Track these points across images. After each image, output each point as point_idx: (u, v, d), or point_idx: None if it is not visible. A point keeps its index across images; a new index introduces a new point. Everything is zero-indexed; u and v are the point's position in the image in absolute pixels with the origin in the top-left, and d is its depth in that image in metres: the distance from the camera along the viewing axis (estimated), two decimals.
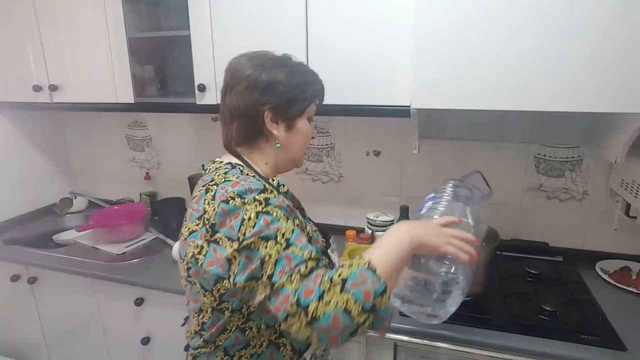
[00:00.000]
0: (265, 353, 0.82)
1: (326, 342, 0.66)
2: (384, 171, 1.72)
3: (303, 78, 0.87)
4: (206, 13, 1.38)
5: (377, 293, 0.66)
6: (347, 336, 0.66)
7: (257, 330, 0.82)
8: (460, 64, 1.08)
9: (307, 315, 0.64)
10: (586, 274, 1.40)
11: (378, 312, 0.66)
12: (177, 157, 2.05)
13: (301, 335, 0.66)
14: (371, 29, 1.24)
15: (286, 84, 0.83)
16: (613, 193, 1.43)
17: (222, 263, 0.73)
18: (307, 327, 0.65)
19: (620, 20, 0.95)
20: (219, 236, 0.73)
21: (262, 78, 0.82)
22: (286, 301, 0.66)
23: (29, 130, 2.03)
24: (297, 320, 0.65)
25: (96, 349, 1.67)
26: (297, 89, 0.85)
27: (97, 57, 1.59)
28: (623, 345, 1.04)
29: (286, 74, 0.84)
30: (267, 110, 0.83)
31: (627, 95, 0.99)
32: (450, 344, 1.12)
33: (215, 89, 1.44)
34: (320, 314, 0.64)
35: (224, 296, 0.78)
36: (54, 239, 1.91)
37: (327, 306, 0.64)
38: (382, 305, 0.67)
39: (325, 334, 0.65)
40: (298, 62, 0.89)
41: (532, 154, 1.53)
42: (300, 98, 0.86)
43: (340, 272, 0.68)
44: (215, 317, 0.81)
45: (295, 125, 0.87)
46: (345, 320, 0.64)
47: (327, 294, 0.65)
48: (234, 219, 0.72)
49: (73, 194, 2.14)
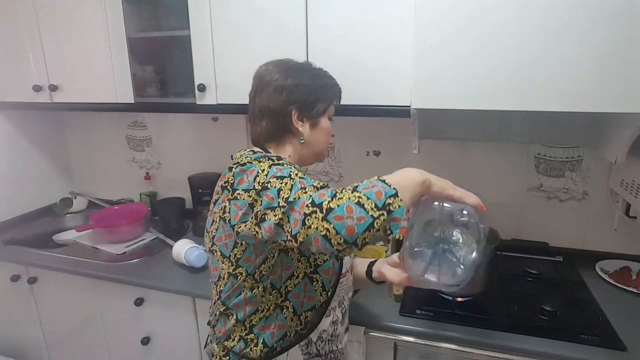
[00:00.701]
0: (272, 315, 0.89)
1: (344, 232, 0.67)
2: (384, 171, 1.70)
3: (324, 81, 0.99)
4: (206, 13, 1.38)
5: (388, 194, 0.69)
6: (364, 229, 0.67)
7: (264, 292, 0.88)
8: (460, 64, 1.08)
9: (322, 209, 0.68)
10: (586, 274, 1.40)
11: (392, 212, 0.68)
12: (177, 157, 2.05)
13: (319, 233, 0.68)
14: (371, 28, 1.24)
15: (310, 85, 0.94)
16: (613, 193, 1.43)
17: (246, 210, 0.78)
18: (323, 222, 0.67)
19: (620, 20, 0.95)
20: (237, 192, 0.81)
21: (289, 81, 0.93)
22: (302, 207, 0.70)
23: (29, 130, 2.03)
24: (314, 218, 0.68)
25: (96, 349, 1.67)
26: (320, 90, 0.96)
27: (97, 57, 1.59)
28: (623, 345, 1.04)
29: (309, 77, 0.96)
30: (294, 109, 0.94)
31: (627, 95, 0.99)
32: (450, 344, 1.12)
33: (215, 89, 1.44)
34: (334, 205, 0.68)
35: (240, 261, 0.86)
36: (54, 239, 1.91)
37: (340, 200, 0.68)
38: (395, 206, 0.68)
39: (341, 223, 0.67)
40: (318, 67, 1.01)
41: (532, 154, 1.53)
42: (322, 99, 0.96)
43: (354, 185, 0.73)
44: (231, 283, 0.89)
45: (318, 123, 0.97)
46: (359, 211, 0.67)
47: (340, 194, 0.70)
48: (250, 174, 0.80)
49: (73, 194, 2.14)
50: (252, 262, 0.85)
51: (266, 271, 0.86)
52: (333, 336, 0.99)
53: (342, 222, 0.67)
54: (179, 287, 1.40)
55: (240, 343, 0.91)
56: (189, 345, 1.47)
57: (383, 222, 0.67)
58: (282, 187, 0.75)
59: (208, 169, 1.91)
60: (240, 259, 0.86)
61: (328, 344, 0.98)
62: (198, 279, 1.44)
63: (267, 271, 0.86)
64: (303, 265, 0.89)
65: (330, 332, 0.98)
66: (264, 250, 0.85)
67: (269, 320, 0.89)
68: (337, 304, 0.99)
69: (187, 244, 1.52)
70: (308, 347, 0.94)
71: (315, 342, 0.95)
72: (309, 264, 0.89)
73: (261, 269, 0.86)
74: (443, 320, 1.16)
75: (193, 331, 1.44)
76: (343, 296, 1.01)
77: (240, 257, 0.86)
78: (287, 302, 0.89)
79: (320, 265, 0.90)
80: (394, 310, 1.22)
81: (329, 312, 0.96)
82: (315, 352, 0.96)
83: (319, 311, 0.93)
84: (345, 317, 1.04)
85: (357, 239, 0.67)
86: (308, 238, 0.70)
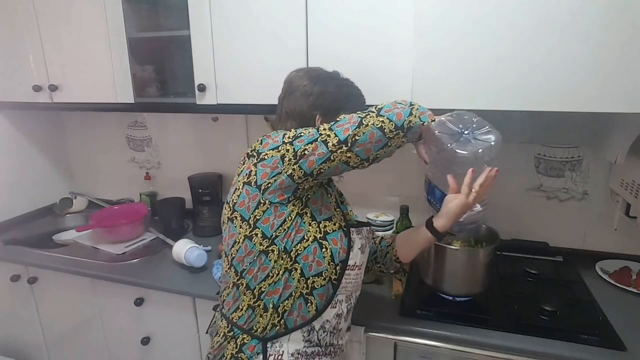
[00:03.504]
0: (280, 280, 0.92)
1: (362, 154, 0.85)
2: (384, 171, 1.72)
3: (349, 90, 1.05)
4: (206, 13, 1.38)
5: (407, 114, 0.86)
6: (379, 148, 0.86)
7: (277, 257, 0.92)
8: (460, 64, 1.09)
9: (348, 144, 0.83)
10: (586, 274, 1.40)
11: (411, 126, 0.87)
12: (177, 157, 2.05)
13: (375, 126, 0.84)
14: (371, 28, 1.24)
15: (335, 94, 1.01)
16: (613, 193, 1.43)
17: (276, 164, 0.88)
18: (347, 153, 0.84)
19: (620, 20, 0.96)
20: (264, 154, 0.90)
21: (316, 88, 1.00)
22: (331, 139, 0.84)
23: (29, 130, 2.03)
24: (340, 153, 0.84)
25: (96, 349, 1.67)
26: (344, 99, 1.02)
27: (97, 57, 1.59)
28: (623, 345, 1.05)
29: (335, 86, 1.02)
30: (318, 114, 1.00)
31: (627, 95, 0.99)
32: (450, 344, 1.12)
33: (215, 89, 1.44)
34: (359, 135, 0.83)
35: (258, 222, 0.91)
36: (54, 239, 1.91)
37: (365, 127, 0.83)
38: (412, 123, 0.87)
39: (362, 148, 0.84)
40: (345, 77, 1.07)
41: (532, 154, 1.53)
42: (346, 107, 1.00)
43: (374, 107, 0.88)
44: (245, 245, 0.93)
45: None
46: (379, 135, 0.84)
47: (365, 119, 0.84)
48: (277, 137, 0.90)
49: (73, 194, 2.14)
50: (270, 223, 0.91)
51: (280, 233, 0.91)
52: (335, 329, 1.00)
53: (362, 148, 0.84)
54: (179, 287, 1.40)
55: (247, 312, 0.94)
56: (189, 345, 1.47)
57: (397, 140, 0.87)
58: (317, 128, 0.87)
59: (208, 169, 1.91)
60: (259, 220, 0.91)
61: (330, 336, 0.99)
62: (198, 279, 1.44)
63: (282, 233, 0.91)
64: (314, 229, 0.93)
65: (333, 324, 0.99)
66: (283, 212, 0.90)
67: (277, 285, 0.92)
68: (345, 298, 1.00)
69: (187, 244, 1.52)
70: (310, 334, 0.96)
71: (317, 331, 0.96)
72: (319, 229, 0.93)
73: (277, 232, 0.91)
74: (443, 320, 1.16)
75: (193, 331, 1.44)
76: (351, 292, 1.01)
77: (259, 218, 0.91)
78: (296, 264, 0.92)
79: (330, 233, 0.94)
80: (394, 310, 1.22)
81: (335, 303, 0.97)
82: (315, 342, 0.97)
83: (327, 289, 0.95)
84: (349, 314, 1.05)
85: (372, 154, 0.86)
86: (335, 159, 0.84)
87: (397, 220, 1.57)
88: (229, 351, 0.96)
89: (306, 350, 0.96)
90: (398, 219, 1.56)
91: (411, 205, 1.54)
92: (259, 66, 1.36)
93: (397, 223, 1.57)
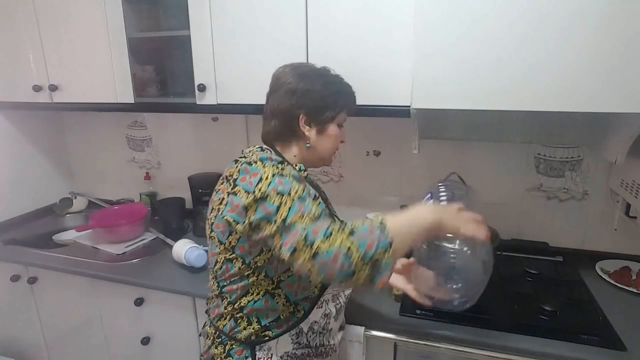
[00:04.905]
0: (261, 300, 0.91)
1: (324, 276, 0.74)
2: (384, 171, 1.72)
3: (337, 88, 0.99)
4: (206, 13, 1.38)
5: (380, 247, 0.73)
6: (344, 277, 0.74)
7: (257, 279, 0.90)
8: (460, 64, 1.08)
9: (312, 249, 0.73)
10: (586, 274, 1.40)
11: (379, 265, 0.73)
12: (177, 157, 2.05)
13: (303, 269, 0.75)
14: (371, 28, 1.24)
15: (321, 92, 0.95)
16: (613, 193, 1.43)
17: (240, 210, 0.83)
18: (310, 261, 0.74)
19: (620, 20, 0.95)
20: (237, 188, 0.84)
21: (301, 85, 0.94)
22: (295, 236, 0.76)
23: (29, 130, 2.03)
24: (302, 254, 0.74)
25: (96, 349, 1.67)
26: (330, 98, 0.96)
27: (97, 57, 1.59)
28: (623, 345, 1.04)
29: (322, 83, 0.96)
30: (302, 113, 0.95)
31: (627, 95, 0.99)
32: (450, 344, 1.12)
33: (215, 89, 1.44)
34: (324, 249, 0.73)
35: (235, 248, 0.88)
36: (54, 239, 1.91)
37: (332, 244, 0.73)
38: (384, 260, 0.73)
39: (324, 267, 0.73)
40: (335, 74, 1.01)
41: (532, 154, 1.53)
42: (332, 106, 0.97)
43: (353, 223, 0.77)
44: (226, 267, 0.91)
45: (326, 130, 0.98)
46: (345, 261, 0.72)
47: (333, 236, 0.74)
48: (253, 176, 0.83)
49: (73, 194, 2.14)
50: (247, 250, 0.88)
51: (261, 263, 0.89)
52: (325, 329, 0.99)
53: (325, 267, 0.73)
54: (179, 287, 1.40)
55: (230, 322, 0.94)
56: (189, 345, 1.47)
57: (365, 274, 0.73)
58: (280, 205, 0.79)
59: (208, 169, 1.91)
60: (235, 246, 0.89)
61: (319, 337, 0.98)
62: (198, 279, 1.44)
63: (263, 263, 0.89)
64: None
65: (322, 324, 0.98)
66: (257, 243, 0.87)
67: (257, 304, 0.91)
68: (331, 298, 0.99)
69: (187, 244, 1.52)
70: (298, 337, 0.95)
71: (306, 333, 0.95)
72: None
73: (256, 260, 0.89)
74: (443, 320, 1.16)
75: (193, 331, 1.44)
76: (338, 291, 1.00)
77: (234, 245, 0.89)
78: (279, 290, 0.91)
79: None
80: (394, 310, 1.22)
81: (321, 303, 0.96)
82: (305, 343, 0.96)
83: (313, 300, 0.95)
84: (340, 313, 1.04)
85: (334, 281, 0.76)
86: (292, 264, 0.77)
87: None
88: (218, 355, 0.96)
89: (295, 352, 0.95)
90: None
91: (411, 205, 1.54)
92: (259, 66, 1.36)
93: None
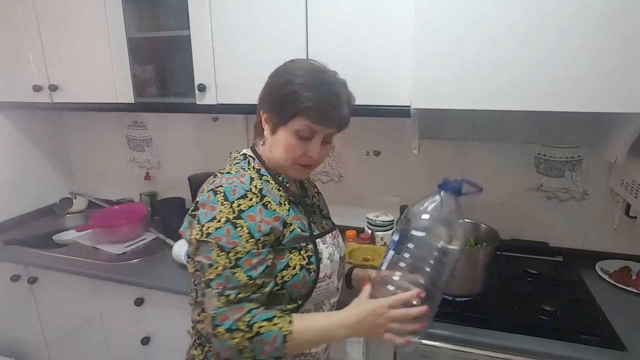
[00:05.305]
0: None
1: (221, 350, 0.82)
2: (384, 171, 1.72)
3: (295, 90, 0.84)
4: (206, 13, 1.38)
5: (273, 356, 0.80)
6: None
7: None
8: (460, 64, 1.08)
9: (215, 330, 0.79)
10: (586, 274, 1.40)
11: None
12: (177, 157, 2.05)
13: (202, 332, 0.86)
14: (371, 28, 1.24)
15: (278, 92, 0.88)
16: (613, 193, 1.43)
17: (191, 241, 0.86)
18: (212, 333, 0.80)
19: (620, 20, 0.95)
20: (197, 213, 0.85)
21: (267, 82, 0.92)
22: (209, 307, 0.80)
23: (29, 130, 2.03)
24: (208, 325, 0.80)
25: (96, 349, 1.67)
26: (284, 99, 0.86)
27: (97, 57, 1.59)
28: (623, 345, 1.04)
29: (283, 82, 0.87)
30: (262, 110, 0.92)
31: (627, 95, 0.99)
32: (450, 344, 1.12)
33: (215, 89, 1.44)
34: (222, 339, 0.78)
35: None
36: (54, 239, 1.91)
37: (230, 340, 0.78)
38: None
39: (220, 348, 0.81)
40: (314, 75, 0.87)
41: (532, 154, 1.53)
42: (283, 109, 0.86)
43: (262, 325, 0.78)
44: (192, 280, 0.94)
45: (276, 133, 0.90)
46: (235, 356, 0.80)
47: (236, 333, 0.78)
48: (210, 210, 0.82)
49: (73, 194, 2.14)
50: None
51: None
52: None
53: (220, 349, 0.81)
54: (179, 287, 1.40)
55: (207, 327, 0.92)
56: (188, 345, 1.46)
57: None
58: (213, 264, 0.80)
59: (208, 169, 1.90)
60: None
61: None
62: None
63: None
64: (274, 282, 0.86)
65: None
66: None
67: None
68: (313, 307, 0.94)
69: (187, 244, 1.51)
70: None
71: None
72: (275, 283, 0.86)
73: None
74: (443, 320, 1.16)
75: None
76: (322, 300, 0.96)
77: None
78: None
79: (288, 281, 0.86)
80: None
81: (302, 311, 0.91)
82: None
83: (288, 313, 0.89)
84: None
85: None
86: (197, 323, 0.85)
87: (397, 220, 1.57)
88: (197, 356, 0.96)
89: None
90: (398, 219, 1.56)
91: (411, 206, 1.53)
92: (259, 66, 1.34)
93: (397, 223, 1.57)
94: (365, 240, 1.58)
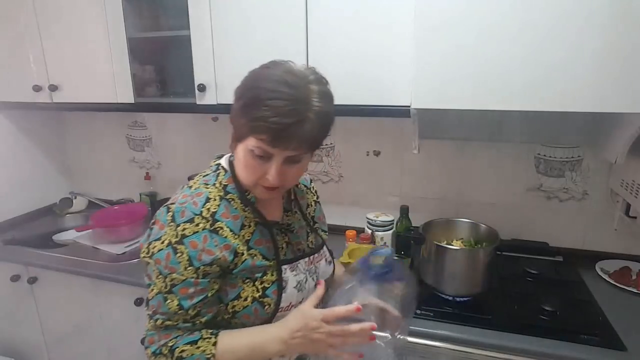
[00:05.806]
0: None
1: None
2: (384, 171, 1.72)
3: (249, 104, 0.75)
4: (206, 13, 1.38)
5: None
6: None
7: None
8: (460, 64, 1.08)
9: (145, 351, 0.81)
10: (586, 274, 1.40)
11: None
12: (177, 157, 2.05)
13: None
14: (371, 28, 1.24)
15: (236, 100, 0.79)
16: (613, 193, 1.43)
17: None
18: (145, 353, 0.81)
19: (621, 20, 0.96)
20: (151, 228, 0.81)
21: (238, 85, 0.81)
22: (145, 326, 0.82)
23: (29, 130, 2.03)
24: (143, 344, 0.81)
25: (96, 349, 1.67)
26: (240, 112, 0.77)
27: (97, 57, 1.59)
28: (623, 345, 1.04)
29: (242, 92, 0.77)
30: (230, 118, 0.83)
31: (627, 95, 0.99)
32: (450, 344, 1.12)
33: (215, 88, 1.44)
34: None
35: None
36: (54, 239, 1.91)
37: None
38: None
39: None
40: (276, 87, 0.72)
41: (532, 154, 1.53)
42: (237, 124, 0.79)
43: (184, 349, 0.76)
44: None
45: (237, 148, 0.83)
46: None
47: (160, 357, 0.78)
48: (159, 228, 0.78)
49: (73, 194, 2.14)
50: None
51: None
52: None
53: None
54: None
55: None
56: None
57: None
58: (150, 285, 0.80)
59: None
60: None
61: None
62: None
63: None
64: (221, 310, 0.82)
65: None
66: None
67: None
68: None
69: None
70: None
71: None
72: (227, 311, 0.81)
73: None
74: (443, 320, 1.16)
75: None
76: None
77: None
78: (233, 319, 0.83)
79: (239, 311, 0.80)
80: None
81: None
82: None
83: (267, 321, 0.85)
84: None
85: None
86: None
87: (397, 220, 1.57)
88: None
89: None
90: (398, 219, 1.56)
91: (411, 206, 1.54)
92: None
93: (397, 223, 1.57)
94: (365, 240, 1.58)
